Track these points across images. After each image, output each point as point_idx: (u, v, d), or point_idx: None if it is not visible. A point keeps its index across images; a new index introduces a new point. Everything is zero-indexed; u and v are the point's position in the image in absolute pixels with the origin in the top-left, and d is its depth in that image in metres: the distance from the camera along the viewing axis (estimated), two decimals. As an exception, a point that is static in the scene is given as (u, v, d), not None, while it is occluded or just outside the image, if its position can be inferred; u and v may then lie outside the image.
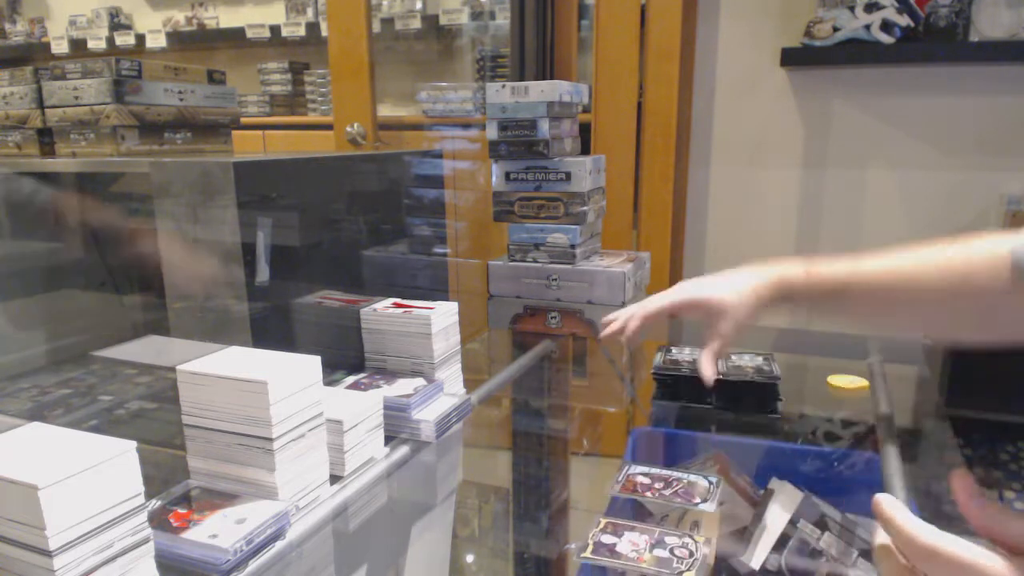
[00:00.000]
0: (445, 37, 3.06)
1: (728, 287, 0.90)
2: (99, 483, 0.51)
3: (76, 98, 1.20)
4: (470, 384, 1.03)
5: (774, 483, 1.03)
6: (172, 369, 0.69)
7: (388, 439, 0.86)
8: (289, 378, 0.67)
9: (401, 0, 2.96)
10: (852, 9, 2.12)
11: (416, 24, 2.93)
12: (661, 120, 2.36)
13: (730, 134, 2.45)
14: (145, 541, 0.56)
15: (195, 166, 0.92)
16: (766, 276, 0.88)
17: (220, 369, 0.67)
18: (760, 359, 1.21)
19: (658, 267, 2.37)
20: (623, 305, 1.28)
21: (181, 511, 0.66)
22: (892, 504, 0.51)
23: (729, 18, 2.39)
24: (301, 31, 3.20)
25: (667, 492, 0.89)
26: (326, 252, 1.10)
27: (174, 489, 0.70)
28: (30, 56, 3.81)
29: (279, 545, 0.66)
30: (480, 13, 2.89)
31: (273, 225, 0.95)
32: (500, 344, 1.38)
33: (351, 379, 0.95)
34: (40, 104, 1.26)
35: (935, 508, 0.78)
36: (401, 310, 0.96)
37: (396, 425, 0.88)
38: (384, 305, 0.99)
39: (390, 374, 0.97)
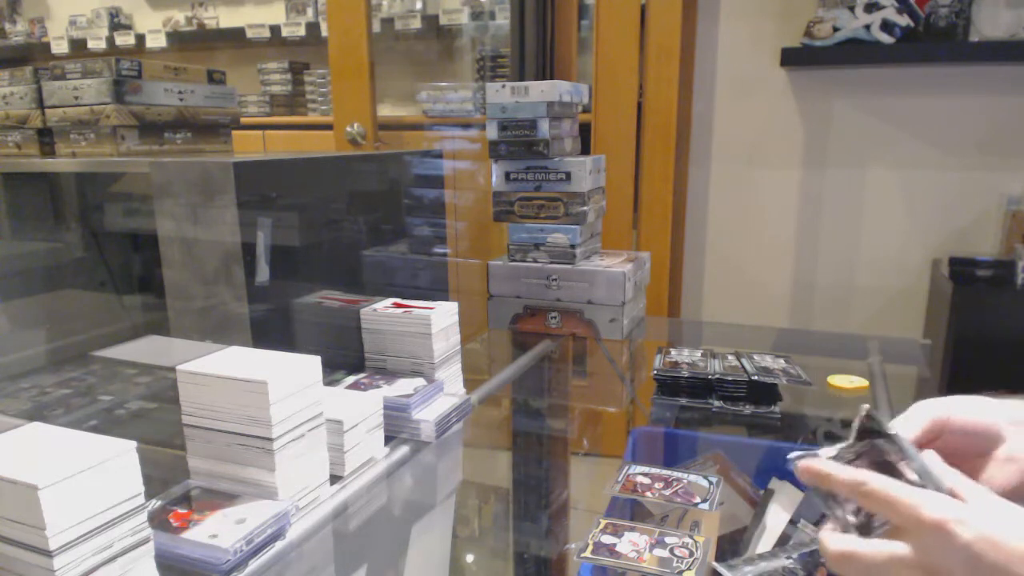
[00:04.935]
0: (445, 37, 3.06)
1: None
2: (99, 483, 0.51)
3: (76, 98, 1.20)
4: (470, 384, 1.03)
5: (774, 483, 1.03)
6: (172, 369, 0.69)
7: (388, 439, 0.86)
8: (289, 378, 0.67)
9: (401, 0, 2.96)
10: (852, 9, 2.12)
11: (416, 24, 2.93)
12: (661, 120, 2.35)
13: (730, 134, 2.45)
14: (145, 541, 0.56)
15: (195, 166, 0.92)
16: None
17: (220, 369, 0.67)
18: (782, 360, 1.22)
19: (658, 267, 2.37)
20: (623, 305, 1.28)
21: (181, 511, 0.66)
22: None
23: (729, 18, 2.38)
24: (301, 31, 3.19)
25: (667, 492, 0.89)
26: (326, 252, 1.10)
27: (174, 489, 0.70)
28: (30, 56, 3.81)
29: (279, 545, 0.66)
30: (480, 13, 2.89)
31: (273, 225, 0.95)
32: (500, 344, 1.38)
33: (351, 379, 0.95)
34: (40, 104, 1.26)
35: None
36: (401, 310, 0.96)
37: (396, 425, 0.88)
38: (384, 305, 0.99)
39: (390, 374, 0.97)
